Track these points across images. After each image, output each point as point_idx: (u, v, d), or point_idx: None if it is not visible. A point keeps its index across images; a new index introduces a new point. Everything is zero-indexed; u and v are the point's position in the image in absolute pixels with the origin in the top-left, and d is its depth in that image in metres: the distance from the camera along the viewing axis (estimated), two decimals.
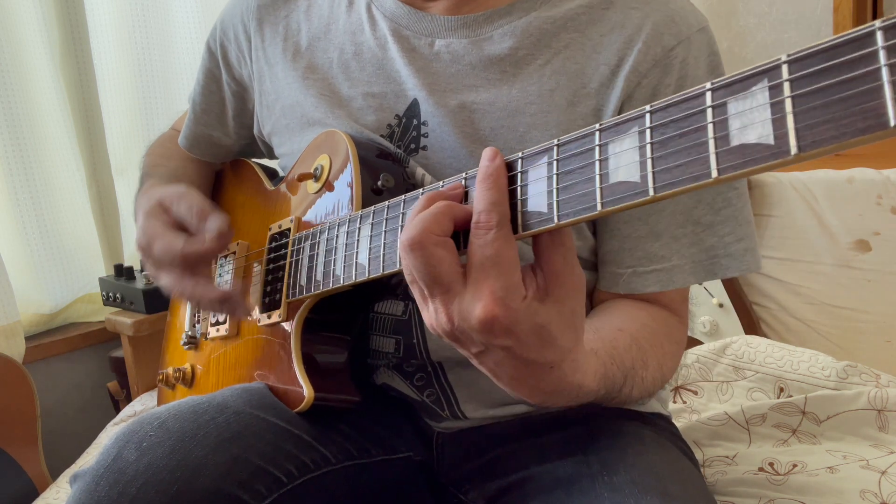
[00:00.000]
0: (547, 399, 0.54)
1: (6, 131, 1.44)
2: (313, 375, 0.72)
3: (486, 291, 0.46)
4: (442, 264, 0.48)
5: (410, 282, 0.51)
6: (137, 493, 0.59)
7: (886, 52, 0.31)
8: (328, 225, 0.69)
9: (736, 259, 0.73)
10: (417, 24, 0.78)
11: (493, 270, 0.46)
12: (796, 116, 0.34)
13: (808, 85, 0.33)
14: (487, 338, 0.48)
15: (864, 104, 0.31)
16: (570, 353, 0.52)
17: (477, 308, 0.47)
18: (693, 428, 1.12)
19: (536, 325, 0.48)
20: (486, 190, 0.48)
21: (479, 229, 0.47)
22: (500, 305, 0.46)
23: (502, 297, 0.46)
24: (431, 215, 0.49)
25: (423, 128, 0.77)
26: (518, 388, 0.53)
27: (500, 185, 0.48)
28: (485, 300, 0.46)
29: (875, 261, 1.47)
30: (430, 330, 0.51)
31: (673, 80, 0.72)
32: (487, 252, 0.47)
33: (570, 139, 0.46)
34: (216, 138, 0.99)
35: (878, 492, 0.89)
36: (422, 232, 0.48)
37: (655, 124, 0.40)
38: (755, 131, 0.35)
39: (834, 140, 0.32)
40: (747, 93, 0.36)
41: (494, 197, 0.47)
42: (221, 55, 0.93)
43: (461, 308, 0.48)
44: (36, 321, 1.55)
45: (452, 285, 0.48)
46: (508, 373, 0.51)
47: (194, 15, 1.66)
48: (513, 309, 0.47)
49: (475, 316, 0.47)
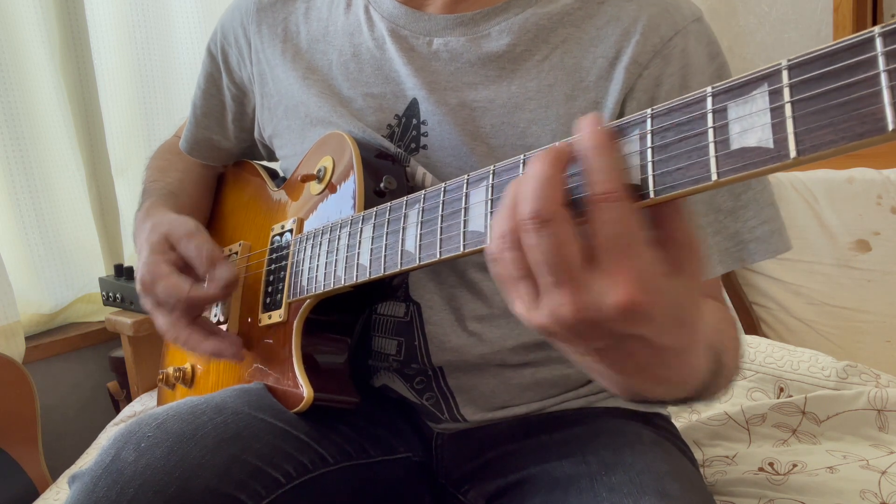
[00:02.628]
0: (670, 391, 0.50)
1: (6, 131, 1.44)
2: (313, 376, 0.72)
3: (624, 274, 0.40)
4: (575, 243, 0.41)
5: (518, 278, 0.44)
6: (136, 493, 0.59)
7: (885, 57, 0.31)
8: (330, 226, 0.70)
9: (763, 242, 0.72)
10: (415, 24, 0.78)
11: (631, 248, 0.40)
12: (796, 121, 0.34)
13: (808, 90, 0.34)
14: (624, 326, 0.42)
15: (863, 109, 0.32)
16: (697, 332, 0.47)
17: (614, 294, 0.40)
18: (693, 428, 1.12)
19: (674, 306, 0.42)
20: (603, 156, 0.41)
21: (606, 201, 0.40)
22: (642, 289, 0.40)
23: (643, 279, 0.40)
24: (551, 181, 0.42)
25: (422, 127, 0.77)
26: (643, 381, 0.48)
27: (616, 149, 0.42)
28: (624, 284, 0.40)
29: (875, 261, 1.47)
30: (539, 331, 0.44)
31: (675, 69, 0.71)
32: (620, 227, 0.40)
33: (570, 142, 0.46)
34: (216, 141, 0.99)
35: (878, 492, 0.89)
36: (552, 201, 0.41)
37: (656, 128, 0.41)
38: (755, 135, 0.36)
39: (833, 144, 0.33)
40: (748, 97, 0.36)
41: (614, 162, 0.41)
42: (222, 59, 0.94)
43: (592, 297, 0.41)
44: (36, 321, 1.55)
45: (581, 270, 0.41)
46: (636, 365, 0.46)
47: (194, 15, 1.66)
48: (653, 290, 0.41)
49: (611, 304, 0.40)
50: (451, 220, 0.53)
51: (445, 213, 0.54)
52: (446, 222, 0.54)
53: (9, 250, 1.45)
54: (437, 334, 0.77)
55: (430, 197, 0.56)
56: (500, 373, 0.79)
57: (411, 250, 0.56)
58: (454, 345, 0.76)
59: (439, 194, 0.55)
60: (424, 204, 0.56)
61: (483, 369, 0.79)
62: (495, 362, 0.78)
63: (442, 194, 0.55)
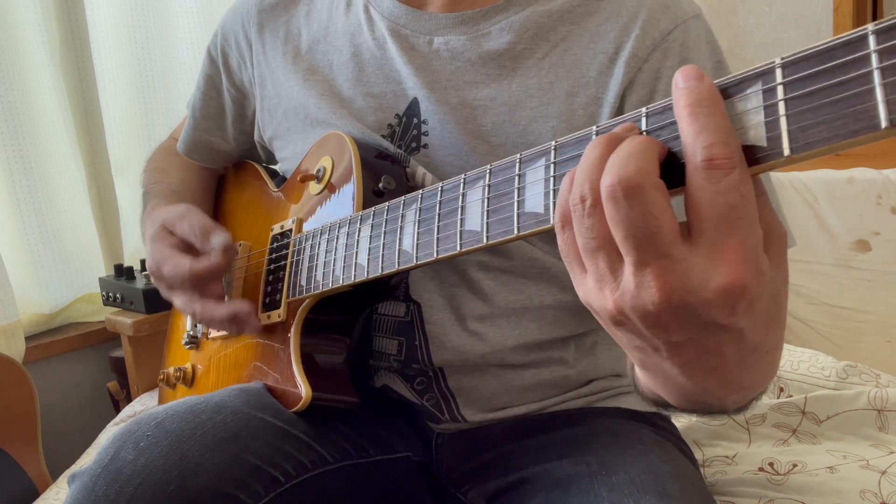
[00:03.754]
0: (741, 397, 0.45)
1: (6, 131, 1.44)
2: (312, 375, 0.72)
3: (733, 253, 0.35)
4: (665, 215, 0.35)
5: (594, 249, 0.38)
6: (135, 492, 0.59)
7: (878, 55, 0.31)
8: (329, 226, 0.70)
9: None
10: (415, 23, 0.78)
11: (741, 223, 0.35)
12: (789, 118, 0.34)
13: (802, 87, 0.34)
14: (722, 315, 0.36)
15: (857, 106, 0.32)
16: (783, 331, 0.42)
17: (719, 275, 0.35)
18: (693, 428, 1.12)
19: (773, 295, 0.38)
20: (710, 115, 0.35)
21: (714, 169, 0.35)
22: (753, 270, 0.35)
23: (754, 260, 0.35)
24: (642, 151, 0.36)
25: (423, 126, 0.77)
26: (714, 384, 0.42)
27: (723, 109, 0.36)
28: (732, 264, 0.35)
29: (875, 261, 1.47)
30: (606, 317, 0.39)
31: (675, 62, 0.72)
32: (734, 199, 0.34)
33: (566, 142, 0.45)
34: (215, 144, 0.99)
35: (878, 492, 0.89)
36: (640, 171, 0.35)
37: (652, 127, 0.41)
38: (749, 133, 0.36)
39: (826, 142, 0.32)
40: (742, 95, 0.36)
41: (725, 124, 0.35)
42: (222, 61, 0.94)
43: (689, 278, 0.35)
44: (36, 321, 1.55)
45: (674, 247, 0.35)
46: (713, 365, 0.40)
47: (194, 15, 1.66)
48: (763, 273, 0.36)
49: (715, 286, 0.35)
50: (448, 219, 0.53)
51: (442, 213, 0.54)
52: (443, 221, 0.54)
53: (9, 250, 1.46)
54: (438, 334, 0.77)
55: (428, 197, 0.56)
56: (500, 374, 0.79)
57: (409, 250, 0.56)
58: (454, 344, 0.76)
59: (436, 194, 0.55)
60: (421, 204, 0.56)
61: (483, 370, 0.79)
62: (495, 362, 0.78)
63: (439, 194, 0.55)
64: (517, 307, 0.76)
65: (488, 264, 0.76)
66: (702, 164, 0.35)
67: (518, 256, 0.75)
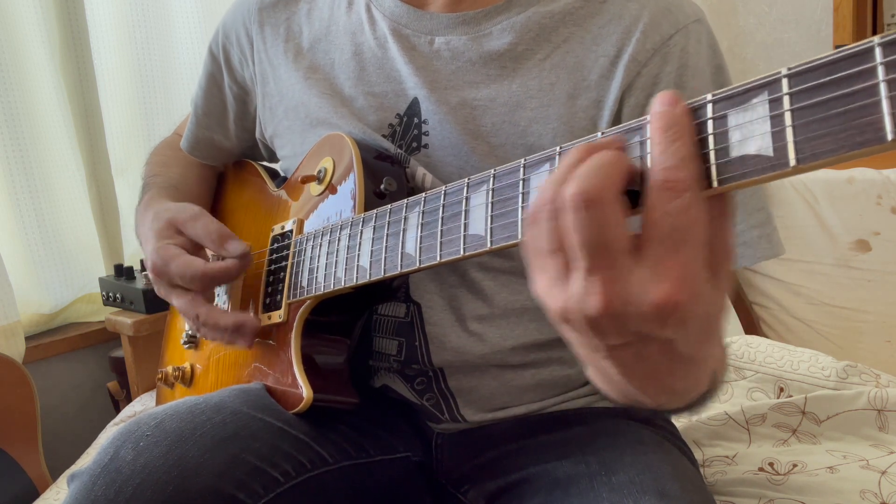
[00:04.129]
0: (671, 400, 0.48)
1: (6, 131, 1.44)
2: (312, 376, 0.72)
3: (672, 271, 0.37)
4: (618, 228, 0.38)
5: (551, 250, 0.40)
6: (134, 492, 0.59)
7: (885, 68, 0.31)
8: (330, 227, 0.70)
9: (750, 247, 0.71)
10: (417, 23, 0.78)
11: (685, 245, 0.37)
12: (795, 129, 0.34)
13: (808, 98, 0.34)
14: (654, 328, 0.39)
15: (863, 118, 0.32)
16: (716, 346, 0.45)
17: (654, 291, 0.37)
18: (693, 428, 1.12)
19: (707, 315, 0.40)
20: (674, 141, 0.38)
21: (668, 190, 0.37)
22: (688, 290, 0.37)
23: (691, 281, 0.37)
24: (609, 165, 0.39)
25: (423, 126, 0.77)
26: (649, 387, 0.45)
27: (691, 135, 0.39)
28: (669, 282, 0.37)
29: (875, 261, 1.47)
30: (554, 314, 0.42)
31: (673, 68, 0.72)
32: (681, 220, 0.37)
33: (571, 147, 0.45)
34: (218, 141, 0.99)
35: (878, 492, 0.89)
36: (603, 185, 0.38)
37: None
38: (755, 143, 0.36)
39: (832, 153, 0.33)
40: (747, 105, 0.36)
41: (686, 150, 0.38)
42: (224, 59, 0.94)
43: (628, 289, 0.38)
44: (36, 321, 1.55)
45: (620, 259, 0.38)
46: (647, 370, 0.43)
47: (194, 15, 1.66)
48: (698, 294, 0.38)
49: (649, 300, 0.37)
50: (452, 223, 0.53)
51: (446, 216, 0.54)
52: (446, 225, 0.54)
53: (9, 250, 1.45)
54: (438, 335, 0.77)
55: (431, 200, 0.56)
56: (500, 374, 0.79)
57: (411, 252, 0.56)
58: (454, 345, 0.76)
59: (440, 197, 0.55)
60: (425, 206, 0.56)
61: (483, 370, 0.79)
62: (495, 363, 0.78)
63: (442, 197, 0.55)
64: (517, 307, 0.76)
65: (488, 265, 0.76)
66: (656, 184, 0.38)
67: (518, 257, 0.75)
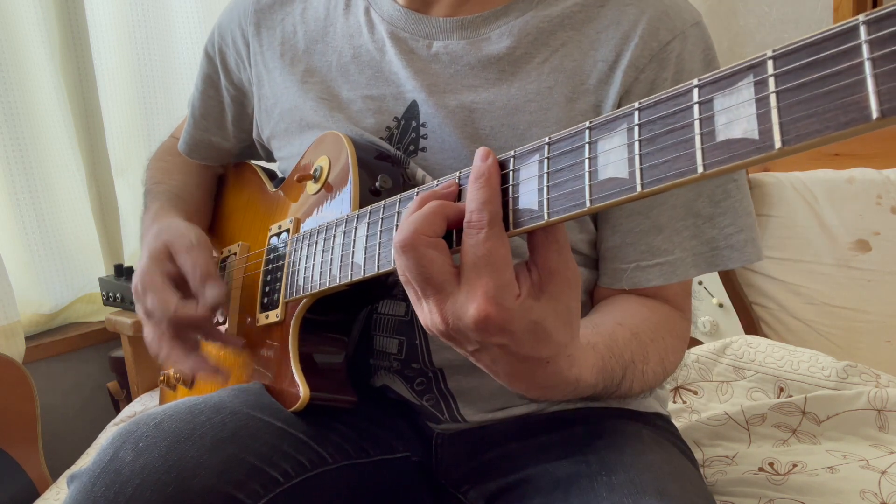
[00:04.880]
0: (544, 393, 0.55)
1: (6, 131, 1.44)
2: (310, 375, 0.72)
3: (479, 291, 0.47)
4: (433, 265, 0.48)
5: (405, 282, 0.51)
6: (133, 493, 0.59)
7: (869, 45, 0.31)
8: (326, 225, 0.70)
9: (737, 250, 0.74)
10: (415, 27, 0.78)
11: (486, 269, 0.47)
12: (781, 111, 0.34)
13: (793, 80, 0.34)
14: (482, 336, 0.48)
15: (848, 98, 0.31)
16: (565, 348, 0.52)
17: (471, 308, 0.47)
18: (693, 428, 1.12)
19: (531, 322, 0.48)
20: (478, 189, 0.48)
21: (471, 228, 0.47)
22: (494, 304, 0.46)
23: (495, 297, 0.46)
24: (423, 216, 0.49)
25: (422, 129, 0.77)
26: (515, 383, 0.53)
27: (491, 183, 0.48)
28: (478, 300, 0.47)
29: (875, 261, 1.47)
30: (425, 329, 0.52)
31: (670, 74, 0.72)
32: (480, 251, 0.47)
33: (560, 137, 0.46)
34: (215, 143, 0.99)
35: (878, 492, 0.89)
36: (413, 233, 0.48)
37: (644, 121, 0.41)
38: (740, 126, 0.36)
39: (818, 134, 0.32)
40: (733, 88, 0.36)
41: (485, 196, 0.48)
42: (220, 60, 0.94)
43: (455, 308, 0.48)
44: (36, 321, 1.55)
45: (445, 285, 0.48)
46: (505, 369, 0.52)
47: (194, 15, 1.66)
48: (506, 308, 0.47)
49: (469, 315, 0.47)
50: None
51: None
52: None
53: (9, 250, 1.46)
54: None
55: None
56: None
57: None
58: None
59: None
60: None
61: (483, 371, 0.78)
62: None
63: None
64: None
65: None
66: (465, 224, 0.48)
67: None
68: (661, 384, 0.73)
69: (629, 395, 0.67)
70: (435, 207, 0.50)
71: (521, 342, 0.49)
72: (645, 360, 0.67)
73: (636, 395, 0.69)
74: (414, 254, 0.48)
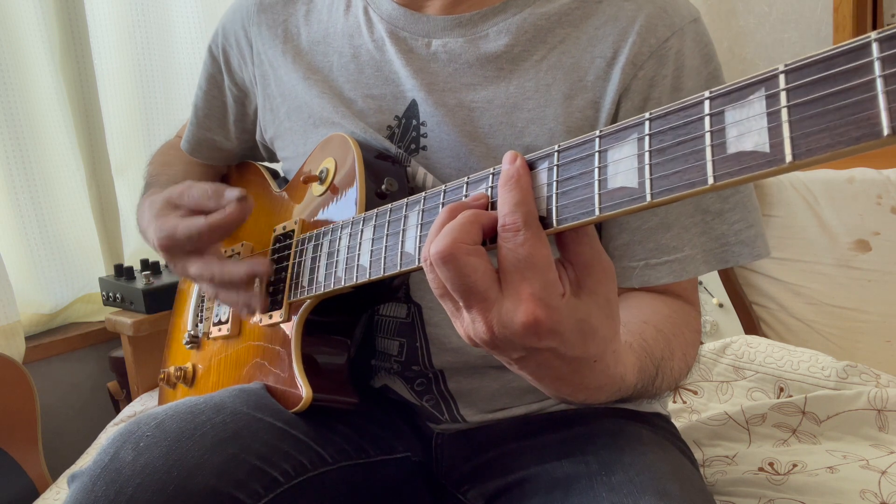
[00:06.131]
0: (591, 395, 0.53)
1: (6, 131, 1.44)
2: (312, 376, 0.72)
3: (525, 294, 0.45)
4: (476, 272, 0.46)
5: (440, 295, 0.49)
6: (134, 493, 0.59)
7: (881, 63, 0.31)
8: (331, 227, 0.70)
9: (748, 245, 0.73)
10: (414, 25, 0.78)
11: (529, 272, 0.45)
12: (792, 125, 0.34)
13: (805, 95, 0.34)
14: (531, 341, 0.46)
15: (859, 114, 0.32)
16: (611, 343, 0.51)
17: (518, 313, 0.45)
18: (693, 428, 1.12)
19: (578, 321, 0.47)
20: (509, 191, 0.47)
21: (506, 232, 0.46)
22: (542, 307, 0.45)
23: (543, 298, 0.45)
24: (460, 225, 0.47)
25: (422, 128, 0.77)
26: (562, 387, 0.52)
27: (522, 185, 0.47)
28: (525, 304, 0.45)
29: (875, 261, 1.47)
30: (465, 341, 0.50)
31: (669, 71, 0.72)
32: (520, 253, 0.45)
33: (570, 145, 0.46)
34: (218, 142, 0.99)
35: (878, 492, 0.89)
36: (453, 243, 0.46)
37: (654, 131, 0.41)
38: (751, 139, 0.36)
39: (828, 149, 0.33)
40: (745, 101, 0.37)
41: (517, 197, 0.46)
42: (223, 60, 0.94)
43: (500, 316, 0.46)
44: (36, 321, 1.55)
45: (489, 293, 0.46)
46: (552, 373, 0.50)
47: (194, 15, 1.66)
48: (554, 308, 0.45)
49: (517, 321, 0.45)
50: None
51: None
52: None
53: (9, 250, 1.46)
54: (439, 335, 0.77)
55: (430, 198, 0.56)
56: (500, 376, 0.79)
57: (411, 252, 0.57)
58: (455, 345, 0.76)
59: (439, 196, 0.55)
60: (424, 206, 0.56)
61: (484, 373, 0.79)
62: (496, 364, 0.78)
63: (442, 196, 0.55)
64: None
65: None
66: (499, 228, 0.47)
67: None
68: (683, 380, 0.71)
69: (658, 394, 0.65)
70: (470, 216, 0.48)
71: (569, 343, 0.47)
72: (672, 356, 0.66)
73: (663, 393, 0.67)
74: (455, 264, 0.46)
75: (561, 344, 0.47)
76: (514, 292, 0.46)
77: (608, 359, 0.51)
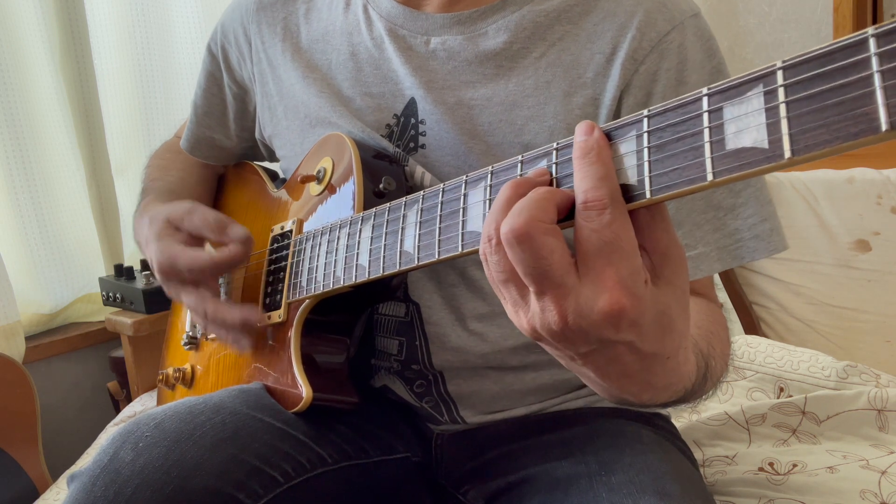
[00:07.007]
0: (656, 395, 0.50)
1: (6, 131, 1.44)
2: (312, 376, 0.72)
3: (610, 281, 0.40)
4: (554, 254, 0.41)
5: (504, 280, 0.44)
6: (133, 493, 0.59)
7: (879, 58, 0.31)
8: (329, 226, 0.70)
9: (763, 240, 0.71)
10: (413, 23, 0.78)
11: (616, 255, 0.41)
12: (790, 121, 0.34)
13: (803, 90, 0.34)
14: (609, 333, 0.42)
15: (857, 109, 0.32)
16: (684, 339, 0.47)
17: (600, 301, 0.41)
18: (693, 428, 1.12)
19: (658, 313, 0.43)
20: (590, 165, 0.42)
21: (589, 210, 0.41)
22: (628, 295, 0.41)
23: (629, 286, 0.41)
24: (534, 201, 0.42)
25: (421, 126, 0.77)
26: (629, 385, 0.47)
27: (604, 158, 0.42)
28: (611, 291, 0.40)
29: (875, 261, 1.47)
30: (524, 332, 0.45)
31: (672, 64, 0.71)
32: (606, 235, 0.41)
33: (567, 143, 0.46)
34: (218, 140, 0.99)
35: (878, 492, 0.89)
36: (530, 220, 0.41)
37: (653, 128, 0.41)
38: (750, 136, 0.36)
39: (827, 144, 0.33)
40: (743, 98, 0.37)
41: (601, 171, 0.42)
42: (223, 58, 0.94)
43: (578, 303, 0.41)
44: (36, 321, 1.55)
45: (566, 278, 0.41)
46: (621, 370, 0.46)
47: (194, 15, 1.66)
48: (639, 297, 0.41)
49: (598, 309, 0.41)
50: (450, 220, 0.53)
51: (444, 214, 0.54)
52: (444, 223, 0.54)
53: (9, 250, 1.46)
54: (438, 334, 0.77)
55: (429, 197, 0.56)
56: (500, 378, 0.79)
57: (410, 251, 0.56)
58: (455, 344, 0.76)
59: (438, 195, 0.55)
60: (423, 204, 0.56)
61: (483, 374, 0.79)
62: (495, 364, 0.78)
63: (440, 195, 0.55)
64: None
65: None
66: (579, 206, 0.42)
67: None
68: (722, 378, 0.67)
69: (704, 395, 0.61)
70: (544, 193, 0.43)
71: (647, 337, 0.43)
72: (713, 355, 0.63)
73: (707, 395, 0.62)
74: (532, 244, 0.41)
75: (638, 337, 0.43)
76: (596, 278, 0.41)
77: (680, 356, 0.48)
